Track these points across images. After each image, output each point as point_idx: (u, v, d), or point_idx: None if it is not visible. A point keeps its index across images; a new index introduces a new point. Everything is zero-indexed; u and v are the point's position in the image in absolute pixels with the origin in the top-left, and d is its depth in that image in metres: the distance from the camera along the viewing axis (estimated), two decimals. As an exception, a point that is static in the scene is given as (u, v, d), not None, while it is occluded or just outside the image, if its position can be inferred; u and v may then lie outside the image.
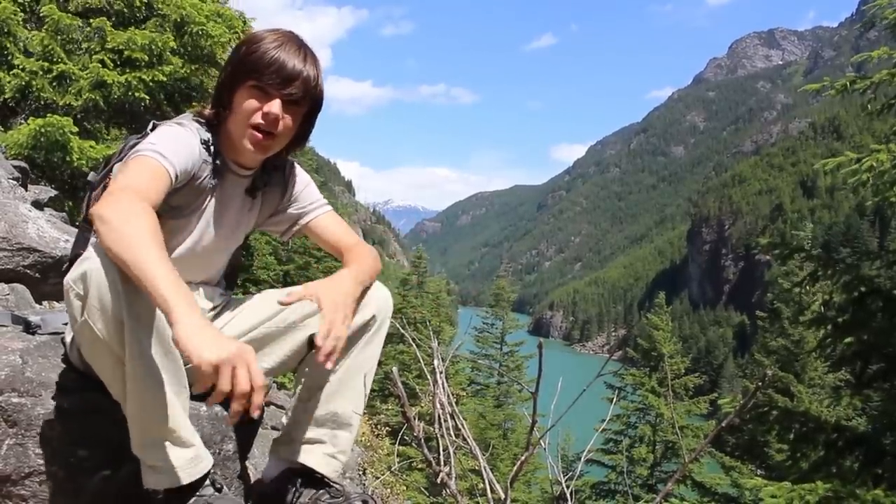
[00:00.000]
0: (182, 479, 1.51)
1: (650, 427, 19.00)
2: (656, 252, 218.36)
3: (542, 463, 15.57)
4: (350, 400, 1.83)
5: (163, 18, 8.49)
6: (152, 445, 1.50)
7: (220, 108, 1.72)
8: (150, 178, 1.51)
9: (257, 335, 1.84)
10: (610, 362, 2.22)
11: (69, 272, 1.44)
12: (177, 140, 1.63)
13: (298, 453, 1.82)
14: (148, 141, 1.59)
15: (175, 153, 1.59)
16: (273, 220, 1.99)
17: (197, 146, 1.68)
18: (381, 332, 1.87)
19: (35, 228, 3.23)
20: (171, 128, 1.67)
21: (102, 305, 1.37)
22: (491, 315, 27.22)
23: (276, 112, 1.67)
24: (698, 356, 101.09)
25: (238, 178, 1.83)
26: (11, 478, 1.58)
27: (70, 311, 1.44)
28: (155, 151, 1.55)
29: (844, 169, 6.35)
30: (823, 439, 6.30)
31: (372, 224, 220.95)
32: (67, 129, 6.97)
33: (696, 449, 2.24)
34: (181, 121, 1.72)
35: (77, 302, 1.40)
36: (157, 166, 1.54)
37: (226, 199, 1.82)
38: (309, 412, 1.82)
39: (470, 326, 27.69)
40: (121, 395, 1.47)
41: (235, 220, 1.88)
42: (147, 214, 1.39)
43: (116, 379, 1.45)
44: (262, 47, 1.66)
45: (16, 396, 1.61)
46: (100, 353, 1.43)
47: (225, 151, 1.77)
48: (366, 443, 9.80)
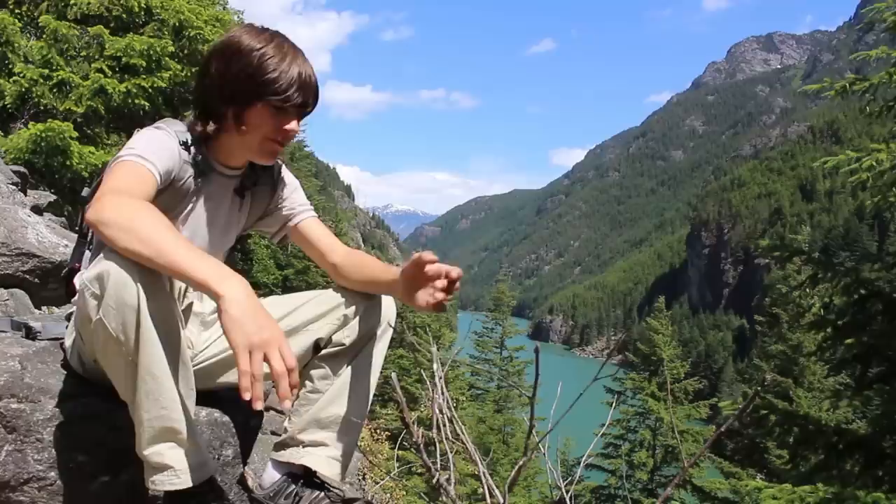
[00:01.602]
0: (187, 481, 1.51)
1: (650, 431, 19.00)
2: (656, 256, 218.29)
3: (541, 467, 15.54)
4: (354, 403, 1.84)
5: (161, 23, 8.51)
6: (159, 447, 1.49)
7: (216, 121, 1.68)
8: (136, 180, 1.50)
9: None
10: (608, 366, 2.22)
11: (85, 272, 1.43)
12: (154, 142, 1.62)
13: (300, 455, 1.82)
14: (126, 147, 1.58)
15: (154, 154, 1.57)
16: (264, 221, 1.98)
17: (176, 148, 1.66)
18: (386, 337, 1.89)
19: (34, 234, 3.24)
20: (148, 131, 1.66)
21: (119, 304, 1.37)
22: (490, 319, 27.21)
23: (295, 130, 1.68)
24: (698, 360, 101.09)
25: (225, 179, 1.81)
26: (10, 484, 1.57)
27: (83, 312, 1.44)
28: (135, 155, 1.54)
29: (843, 168, 6.35)
30: (823, 442, 6.30)
31: (371, 229, 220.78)
32: (67, 135, 6.99)
33: (696, 453, 2.24)
34: (159, 125, 1.70)
35: (93, 301, 1.39)
36: (140, 169, 1.53)
37: (214, 199, 1.81)
38: (313, 415, 1.82)
39: (470, 331, 27.69)
40: (130, 395, 1.46)
41: (226, 220, 1.86)
42: (148, 206, 1.41)
43: (127, 379, 1.45)
44: (270, 64, 1.61)
45: (15, 402, 1.61)
46: (112, 353, 1.43)
47: (212, 152, 1.76)
48: (365, 447, 9.79)
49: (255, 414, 2.04)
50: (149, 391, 1.44)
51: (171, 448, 1.50)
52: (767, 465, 14.37)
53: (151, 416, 1.46)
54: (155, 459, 1.50)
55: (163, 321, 1.43)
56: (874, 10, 6.52)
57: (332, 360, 1.83)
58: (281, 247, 16.87)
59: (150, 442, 1.49)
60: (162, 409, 1.46)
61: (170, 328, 1.45)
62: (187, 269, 1.32)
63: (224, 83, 1.64)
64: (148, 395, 1.44)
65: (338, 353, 1.83)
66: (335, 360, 1.83)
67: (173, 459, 1.50)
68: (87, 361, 1.66)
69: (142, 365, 1.42)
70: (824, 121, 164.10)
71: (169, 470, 1.50)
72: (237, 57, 1.63)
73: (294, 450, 1.83)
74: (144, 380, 1.43)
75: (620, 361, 31.44)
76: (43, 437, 1.60)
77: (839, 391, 9.68)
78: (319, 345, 1.83)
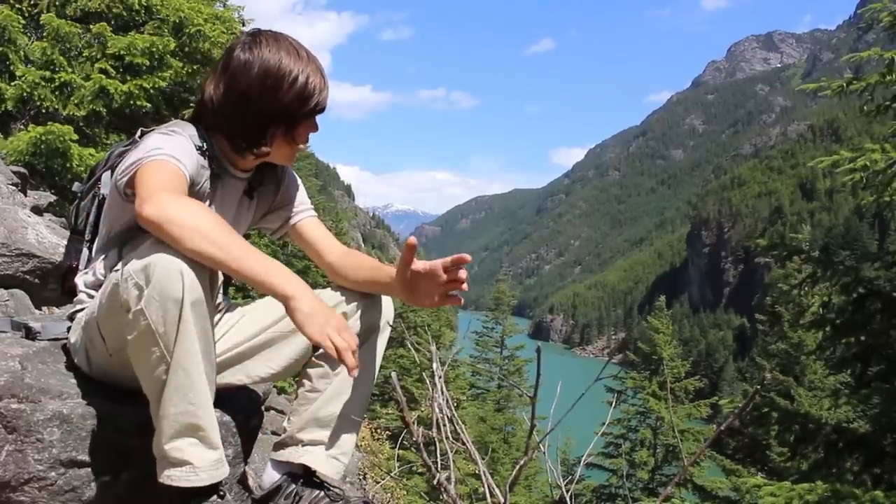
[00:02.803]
0: (204, 479, 1.51)
1: (651, 430, 19.01)
2: (656, 255, 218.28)
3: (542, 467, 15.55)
4: (353, 402, 1.84)
5: (161, 21, 8.51)
6: (180, 442, 1.49)
7: (266, 142, 1.74)
8: (178, 180, 1.53)
9: (262, 340, 1.85)
10: (610, 366, 2.22)
11: (129, 264, 1.44)
12: (179, 145, 1.64)
13: (300, 454, 1.82)
14: (154, 147, 1.58)
15: (184, 156, 1.60)
16: (267, 218, 2.01)
17: (194, 152, 1.69)
18: (385, 335, 1.91)
19: (34, 234, 3.24)
20: (169, 135, 1.67)
21: (162, 297, 1.39)
22: (491, 319, 27.22)
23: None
24: (698, 359, 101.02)
25: (236, 180, 1.84)
26: (10, 484, 1.58)
27: (118, 301, 1.45)
28: (167, 155, 1.56)
29: (839, 168, 6.36)
30: (823, 440, 6.31)
31: (371, 228, 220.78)
32: (68, 138, 6.99)
33: (696, 452, 2.24)
34: (173, 129, 1.71)
35: (135, 291, 1.40)
36: (176, 168, 1.55)
37: (225, 201, 1.83)
38: (312, 413, 1.83)
39: (470, 330, 27.70)
40: (156, 389, 1.47)
41: (234, 221, 1.88)
42: (207, 209, 1.47)
43: (157, 373, 1.45)
44: (315, 86, 1.72)
45: (15, 402, 1.61)
46: (146, 345, 1.44)
47: (223, 155, 1.79)
48: (366, 447, 9.79)
49: (255, 413, 2.05)
50: (179, 385, 1.45)
51: (192, 445, 1.50)
52: (769, 463, 14.36)
53: (178, 410, 1.47)
54: (174, 455, 1.49)
55: (201, 319, 1.45)
56: (871, 10, 6.54)
57: (330, 359, 1.83)
58: (281, 245, 16.90)
59: (173, 437, 1.48)
60: (189, 405, 1.47)
61: (206, 326, 1.47)
62: (259, 272, 1.42)
63: (279, 108, 1.70)
64: (178, 389, 1.45)
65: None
66: (333, 360, 1.83)
67: (193, 456, 1.50)
68: (96, 359, 1.67)
69: (176, 359, 1.43)
70: (824, 119, 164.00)
71: (187, 466, 1.49)
72: (286, 81, 1.68)
73: (293, 449, 1.83)
74: (177, 374, 1.44)
75: (621, 360, 31.44)
76: (43, 438, 1.60)
77: (838, 390, 9.68)
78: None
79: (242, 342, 1.86)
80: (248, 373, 1.88)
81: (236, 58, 1.70)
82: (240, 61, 1.69)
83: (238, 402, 2.00)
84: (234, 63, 1.70)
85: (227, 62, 1.71)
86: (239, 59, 1.70)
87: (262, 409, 2.16)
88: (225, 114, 1.72)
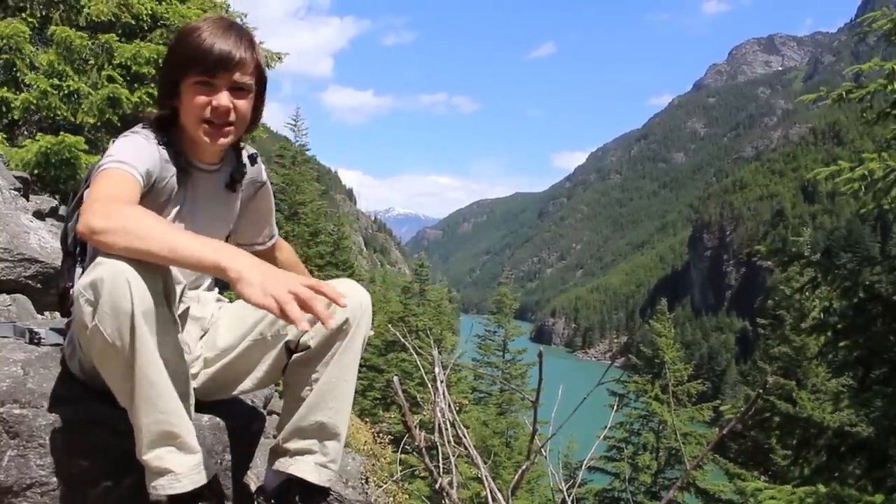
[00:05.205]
0: (187, 485, 1.52)
1: (653, 434, 18.96)
2: (658, 258, 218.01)
3: (545, 471, 15.52)
4: (334, 410, 1.81)
5: (167, 29, 8.54)
6: (159, 451, 1.50)
7: (168, 107, 1.74)
8: (120, 186, 1.52)
9: (238, 352, 1.83)
10: (612, 369, 2.22)
11: (79, 280, 1.45)
12: (130, 145, 1.65)
13: (288, 465, 1.81)
14: (106, 157, 1.60)
15: (133, 157, 1.60)
16: (241, 228, 2.07)
17: (154, 148, 1.70)
18: (358, 337, 1.81)
19: (36, 239, 3.24)
20: (123, 137, 1.69)
21: (114, 310, 1.38)
22: (493, 322, 27.20)
23: (225, 104, 1.69)
24: (701, 363, 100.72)
25: (207, 175, 1.85)
26: (13, 489, 1.58)
27: (79, 319, 1.44)
28: (113, 162, 1.56)
29: (838, 178, 6.36)
30: (825, 444, 6.29)
31: (373, 232, 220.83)
32: (78, 148, 6.99)
33: (699, 456, 2.24)
34: (134, 129, 1.74)
35: (88, 308, 1.40)
36: (122, 174, 1.55)
37: (199, 197, 1.84)
38: (295, 423, 1.82)
39: (472, 334, 27.66)
40: (128, 400, 1.47)
41: (213, 216, 1.89)
42: (136, 205, 1.46)
43: (125, 385, 1.46)
44: (194, 39, 1.66)
45: (17, 408, 1.61)
46: (109, 359, 1.44)
47: (187, 150, 1.80)
48: (368, 451, 9.78)
49: (256, 417, 2.05)
50: (146, 396, 1.45)
51: (170, 452, 1.51)
52: (772, 466, 14.33)
53: (150, 420, 1.47)
54: (155, 464, 1.50)
55: (158, 325, 1.43)
56: (869, 19, 6.56)
57: (305, 365, 1.81)
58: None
59: (150, 446, 1.50)
60: (160, 414, 1.47)
61: (165, 332, 1.46)
62: (192, 252, 1.34)
63: (165, 62, 1.74)
64: (146, 399, 1.45)
65: (309, 358, 1.80)
66: (308, 366, 1.81)
67: (173, 463, 1.51)
68: (87, 367, 1.67)
69: (138, 370, 1.43)
70: (826, 122, 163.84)
71: (170, 474, 1.51)
72: (177, 39, 1.72)
73: (283, 459, 1.83)
74: (142, 385, 1.44)
75: (623, 364, 31.39)
76: (45, 443, 1.61)
77: (840, 394, 9.67)
78: (290, 347, 1.82)
79: (223, 355, 1.84)
80: (231, 389, 1.88)
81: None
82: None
83: (239, 406, 2.00)
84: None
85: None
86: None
87: (263, 413, 2.16)
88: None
